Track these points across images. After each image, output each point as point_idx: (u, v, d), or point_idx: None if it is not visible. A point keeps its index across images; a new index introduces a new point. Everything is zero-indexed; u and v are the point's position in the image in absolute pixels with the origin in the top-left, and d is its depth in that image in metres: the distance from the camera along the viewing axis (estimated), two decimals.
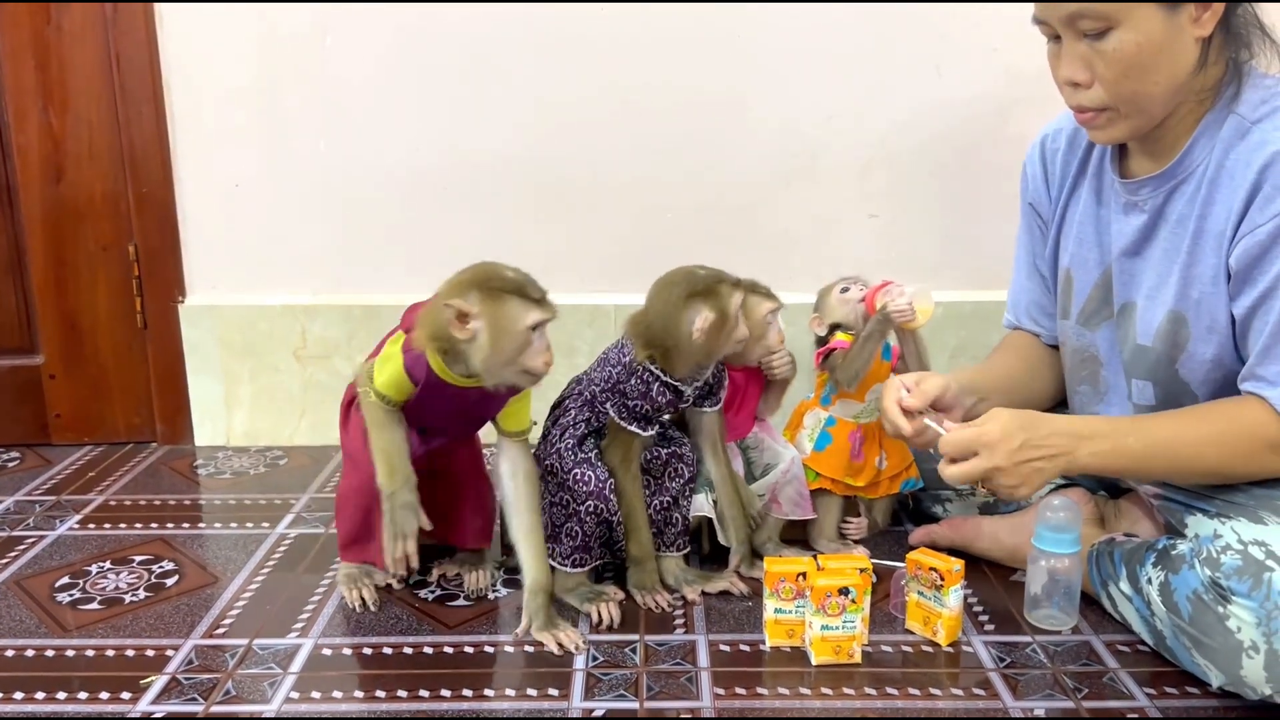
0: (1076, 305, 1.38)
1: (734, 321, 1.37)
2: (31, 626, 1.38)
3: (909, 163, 1.95)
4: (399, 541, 1.28)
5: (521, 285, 1.25)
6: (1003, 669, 1.26)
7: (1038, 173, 1.43)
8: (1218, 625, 1.12)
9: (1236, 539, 1.13)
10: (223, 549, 1.61)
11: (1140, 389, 1.30)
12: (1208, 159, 1.18)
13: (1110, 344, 1.34)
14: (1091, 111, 1.19)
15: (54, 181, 1.96)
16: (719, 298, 1.35)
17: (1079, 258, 1.37)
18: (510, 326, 1.23)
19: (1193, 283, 1.21)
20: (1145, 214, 1.25)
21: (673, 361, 1.37)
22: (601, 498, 1.37)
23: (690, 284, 1.36)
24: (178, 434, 2.07)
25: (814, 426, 1.56)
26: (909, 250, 1.98)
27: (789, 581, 1.28)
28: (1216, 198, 1.18)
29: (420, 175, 1.96)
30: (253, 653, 1.31)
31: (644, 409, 1.39)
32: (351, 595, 1.41)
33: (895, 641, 1.32)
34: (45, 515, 1.74)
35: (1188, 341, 1.23)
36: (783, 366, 1.52)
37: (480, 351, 1.24)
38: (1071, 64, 1.17)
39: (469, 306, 1.23)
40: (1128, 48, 1.13)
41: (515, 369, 1.26)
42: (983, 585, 1.46)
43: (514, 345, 1.24)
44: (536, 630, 1.32)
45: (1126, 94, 1.16)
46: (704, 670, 1.26)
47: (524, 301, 1.24)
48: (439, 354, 1.28)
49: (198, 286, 2.03)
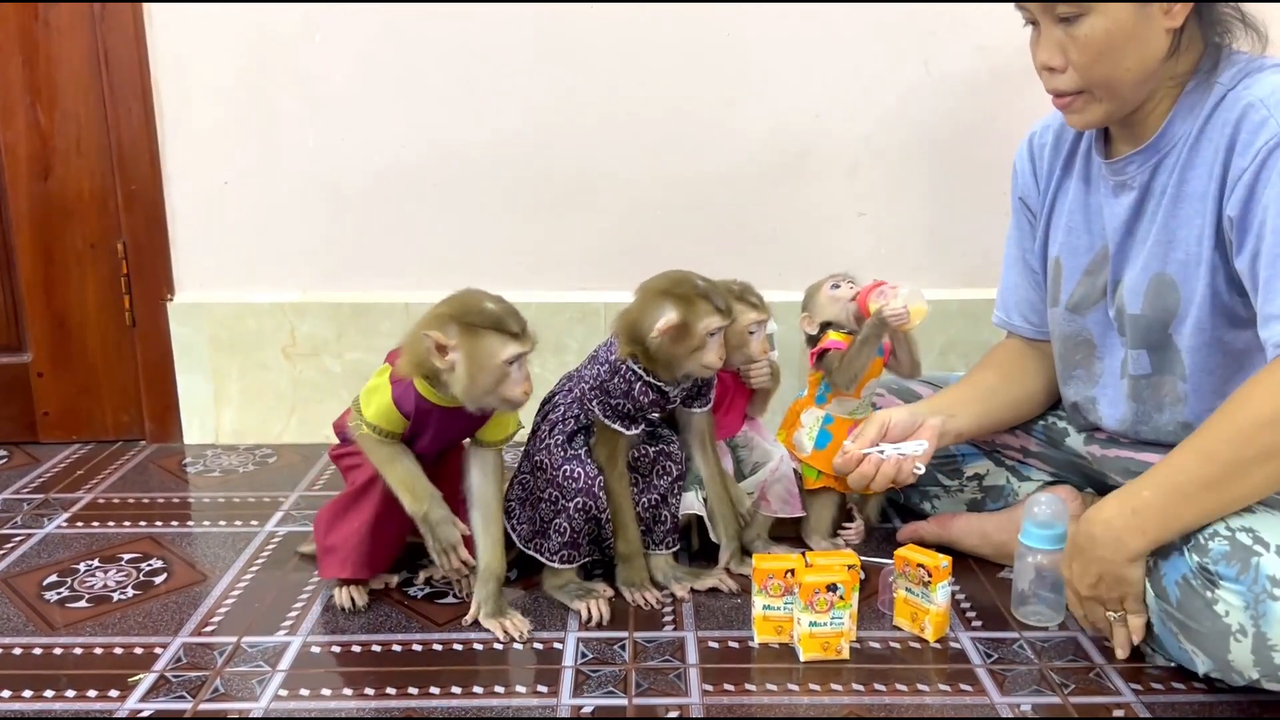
0: (1065, 292, 1.40)
1: (699, 340, 1.34)
2: (19, 625, 1.37)
3: (897, 161, 1.95)
4: (450, 555, 1.32)
5: (500, 319, 1.25)
6: (990, 665, 1.26)
7: (1026, 168, 1.46)
8: (1205, 610, 1.13)
9: (1224, 525, 1.13)
10: (211, 547, 1.60)
11: (1136, 359, 1.31)
12: (1189, 129, 1.22)
13: (1103, 326, 1.36)
14: (1068, 96, 1.24)
15: (42, 178, 1.95)
16: (691, 308, 1.33)
17: (1068, 245, 1.39)
18: (487, 361, 1.24)
19: (1176, 245, 1.23)
20: (1135, 190, 1.28)
21: (654, 361, 1.37)
22: (590, 494, 1.38)
23: (670, 286, 1.35)
24: (166, 432, 2.07)
25: (813, 425, 1.57)
26: (897, 248, 1.98)
27: (777, 578, 1.29)
28: (1195, 161, 1.21)
29: (409, 173, 1.96)
30: (241, 650, 1.30)
31: (627, 408, 1.39)
32: (341, 596, 1.40)
33: (883, 638, 1.32)
34: (33, 513, 1.74)
35: (1177, 305, 1.24)
36: (760, 377, 1.51)
37: (459, 382, 1.26)
38: (1048, 48, 1.21)
39: (447, 340, 1.24)
40: (1098, 33, 1.17)
41: (495, 398, 1.27)
42: (970, 582, 1.46)
43: (491, 378, 1.25)
44: (485, 617, 1.34)
45: (1099, 78, 1.20)
46: (693, 667, 1.26)
47: (501, 336, 1.24)
48: (424, 380, 1.29)
49: (186, 284, 2.02)
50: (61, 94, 1.92)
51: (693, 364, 1.36)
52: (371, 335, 1.99)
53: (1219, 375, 1.24)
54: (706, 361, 1.35)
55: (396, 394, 1.31)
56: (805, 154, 1.95)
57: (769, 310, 1.48)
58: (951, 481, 1.59)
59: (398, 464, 1.33)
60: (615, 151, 1.95)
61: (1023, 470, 1.56)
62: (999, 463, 1.58)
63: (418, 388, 1.30)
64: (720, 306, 1.35)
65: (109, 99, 1.92)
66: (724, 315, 1.35)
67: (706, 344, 1.35)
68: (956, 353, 1.98)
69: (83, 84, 1.92)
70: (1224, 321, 1.22)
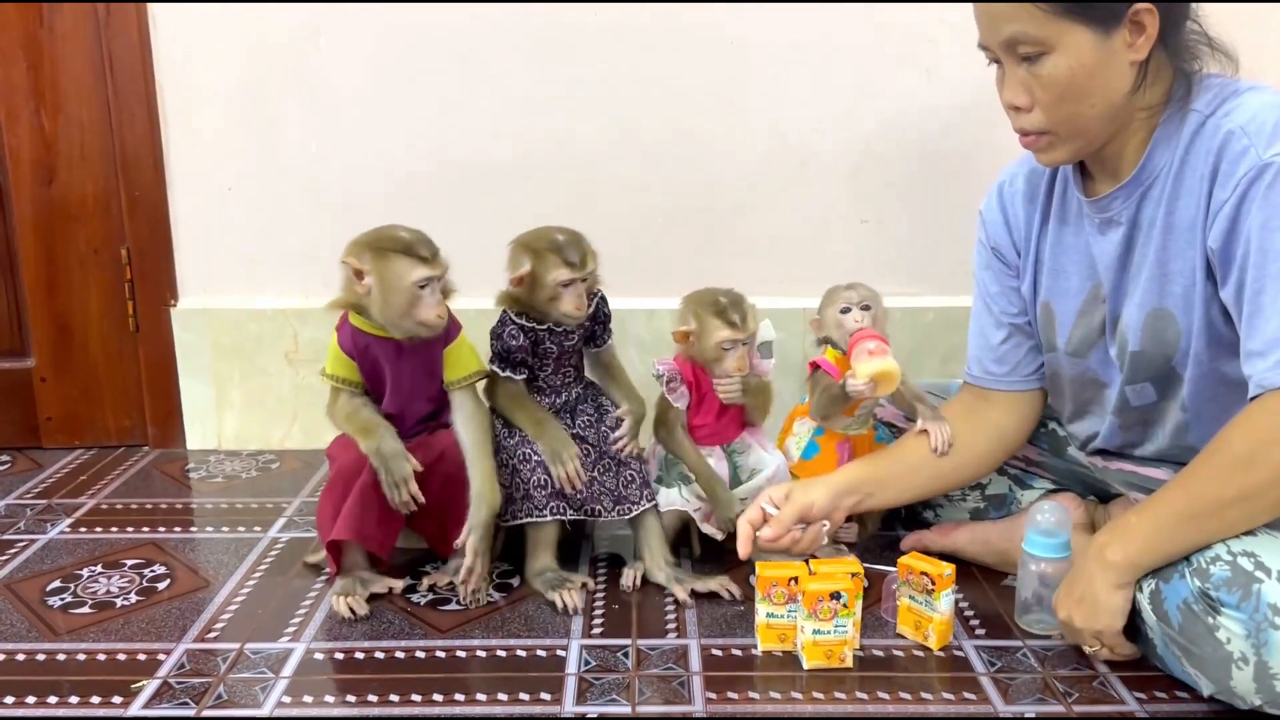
0: (1061, 336, 1.38)
1: (551, 290, 1.41)
2: (22, 630, 1.37)
3: (899, 167, 1.95)
4: (400, 488, 1.38)
5: (410, 244, 1.36)
6: (994, 673, 1.26)
7: (998, 219, 1.43)
8: (1207, 636, 1.12)
9: (1226, 549, 1.13)
10: (214, 553, 1.60)
11: (1138, 392, 1.30)
12: (1171, 158, 1.20)
13: (1106, 363, 1.34)
14: (1033, 134, 1.22)
15: (46, 183, 1.95)
16: (541, 260, 1.41)
17: (1057, 290, 1.37)
18: (397, 283, 1.35)
19: (1171, 279, 1.22)
20: (1123, 225, 1.26)
21: (529, 308, 1.45)
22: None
23: (530, 239, 1.44)
24: (169, 437, 2.07)
25: (803, 435, 1.57)
26: (899, 254, 1.98)
27: (781, 586, 1.29)
28: (1181, 191, 1.19)
29: (412, 178, 1.96)
30: (244, 657, 1.30)
31: (502, 350, 1.47)
32: (340, 605, 1.39)
33: (886, 646, 1.32)
34: (36, 519, 1.74)
35: (1178, 338, 1.23)
36: (728, 392, 1.50)
37: (375, 305, 1.37)
38: (1012, 88, 1.19)
39: (362, 265, 1.36)
40: (1061, 72, 1.15)
41: (410, 321, 1.37)
42: (974, 590, 1.46)
43: (404, 299, 1.36)
44: (472, 543, 1.39)
45: (1063, 117, 1.18)
46: (696, 675, 1.26)
47: (410, 259, 1.35)
48: (356, 313, 1.40)
49: (189, 289, 2.02)
50: (66, 99, 1.92)
51: (554, 312, 1.44)
52: None
53: (1219, 404, 1.22)
54: (564, 310, 1.43)
55: (340, 337, 1.43)
56: (807, 160, 1.95)
57: (750, 328, 1.47)
58: (954, 491, 1.59)
59: (358, 414, 1.43)
60: (617, 158, 1.95)
61: (1025, 479, 1.56)
62: (1001, 471, 1.58)
63: (352, 321, 1.41)
64: (571, 259, 1.41)
65: (113, 104, 1.92)
66: (573, 268, 1.41)
67: (560, 295, 1.42)
68: (958, 360, 1.95)
69: (87, 89, 1.92)
70: (1222, 351, 1.21)
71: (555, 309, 1.43)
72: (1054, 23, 1.13)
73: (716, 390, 1.50)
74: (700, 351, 1.48)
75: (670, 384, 1.49)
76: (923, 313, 1.98)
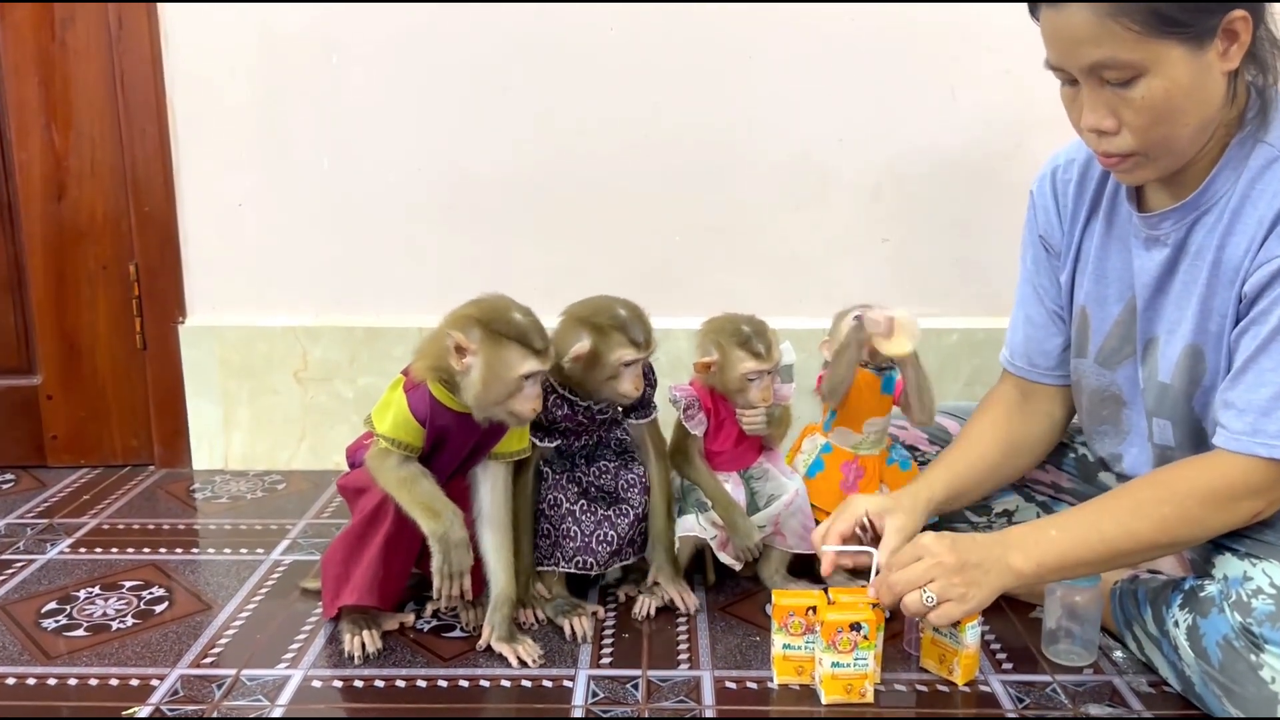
0: (1094, 344, 1.33)
1: (612, 369, 1.34)
2: (14, 653, 1.33)
3: (921, 186, 1.92)
4: (455, 580, 1.27)
5: (525, 332, 1.23)
6: (1022, 710, 1.20)
7: (1049, 205, 1.37)
8: (1250, 674, 1.06)
9: (1269, 582, 1.07)
10: (215, 575, 1.57)
11: (1160, 429, 1.25)
12: (1231, 189, 1.13)
13: (1132, 382, 1.29)
14: (1118, 157, 1.14)
15: (55, 199, 1.94)
16: (605, 338, 1.33)
17: (1095, 295, 1.31)
18: (504, 372, 1.23)
19: (1211, 315, 1.16)
20: (1168, 248, 1.20)
21: (572, 381, 1.37)
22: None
23: (589, 314, 1.36)
24: (175, 457, 2.04)
25: (811, 451, 1.53)
26: (921, 275, 1.94)
27: (798, 616, 1.24)
28: (1237, 228, 1.13)
29: (424, 195, 1.93)
30: (240, 684, 1.26)
31: (540, 418, 1.36)
32: (352, 643, 1.33)
33: (909, 680, 1.27)
34: (36, 539, 1.70)
35: (1203, 376, 1.18)
36: (754, 423, 1.45)
37: (472, 388, 1.24)
38: (1096, 112, 1.10)
39: (468, 342, 1.22)
40: (1156, 94, 1.06)
41: (503, 410, 1.26)
42: (1000, 622, 1.41)
43: (505, 389, 1.24)
44: (497, 640, 1.31)
45: (1157, 139, 1.10)
46: (709, 708, 1.20)
47: (523, 350, 1.23)
48: (440, 384, 1.26)
49: (198, 307, 2.00)
50: (77, 115, 1.91)
51: (609, 391, 1.36)
52: (384, 360, 1.96)
53: None
54: (623, 390, 1.36)
55: (413, 401, 1.27)
56: (827, 179, 1.92)
57: (775, 358, 1.42)
58: (980, 518, 1.53)
59: (418, 484, 1.28)
60: (633, 175, 1.92)
61: (1054, 506, 1.51)
62: (1029, 498, 1.52)
63: (432, 391, 1.27)
64: (636, 339, 1.34)
65: (124, 120, 1.91)
66: (639, 349, 1.34)
67: (620, 374, 1.35)
68: (982, 383, 1.93)
69: (98, 105, 1.91)
70: None
71: (611, 388, 1.35)
72: (1146, 44, 1.04)
73: (740, 422, 1.46)
74: (723, 383, 1.44)
75: (688, 410, 1.45)
76: (946, 334, 1.93)
